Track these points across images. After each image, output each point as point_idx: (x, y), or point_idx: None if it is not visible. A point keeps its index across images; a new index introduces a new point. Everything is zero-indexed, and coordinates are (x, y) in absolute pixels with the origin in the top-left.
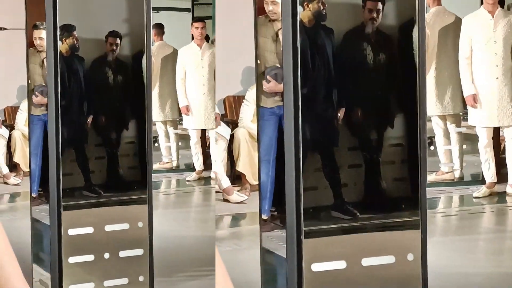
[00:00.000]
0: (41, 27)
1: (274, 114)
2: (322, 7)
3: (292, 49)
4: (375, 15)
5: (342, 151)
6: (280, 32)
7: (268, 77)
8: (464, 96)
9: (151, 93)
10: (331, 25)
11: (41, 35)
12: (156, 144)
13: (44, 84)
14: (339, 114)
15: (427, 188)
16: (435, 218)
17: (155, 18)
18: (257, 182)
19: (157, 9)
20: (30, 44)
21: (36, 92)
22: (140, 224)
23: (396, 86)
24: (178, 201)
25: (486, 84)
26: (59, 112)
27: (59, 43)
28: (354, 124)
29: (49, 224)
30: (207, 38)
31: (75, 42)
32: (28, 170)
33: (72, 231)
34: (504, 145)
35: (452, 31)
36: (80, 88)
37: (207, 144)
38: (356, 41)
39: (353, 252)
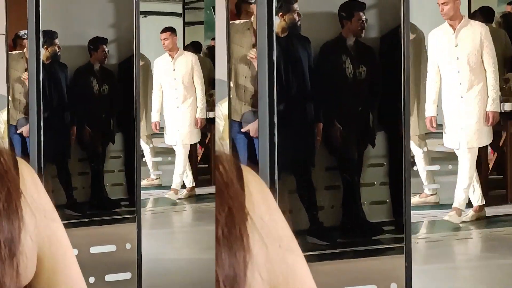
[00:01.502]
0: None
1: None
2: (297, 18)
3: (267, 62)
4: (365, 25)
5: (319, 171)
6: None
7: (243, 124)
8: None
9: (140, 104)
10: (307, 36)
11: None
12: (143, 159)
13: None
14: (318, 131)
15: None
16: (418, 244)
17: (143, 23)
18: None
19: (145, 13)
20: (10, 49)
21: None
22: (128, 246)
23: (378, 101)
24: (167, 220)
25: (450, 104)
26: (41, 124)
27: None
28: (330, 142)
29: None
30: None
31: (57, 49)
32: None
33: None
34: (492, 165)
35: (413, 48)
36: (63, 99)
37: (198, 159)
38: (335, 53)
39: (330, 282)
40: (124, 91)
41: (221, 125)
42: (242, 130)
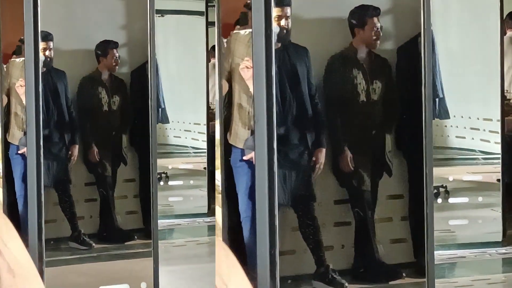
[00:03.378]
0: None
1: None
2: (289, 25)
3: (265, 77)
4: (380, 34)
5: (326, 205)
6: None
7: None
8: None
9: (156, 117)
10: (307, 47)
11: None
12: (161, 183)
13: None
14: (316, 159)
15: (434, 252)
16: None
17: (160, 23)
18: None
19: (161, 12)
20: (8, 57)
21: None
22: (143, 285)
23: (394, 124)
24: (190, 254)
25: None
26: (40, 143)
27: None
28: (340, 170)
29: None
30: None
31: (51, 54)
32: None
33: None
34: None
35: None
36: (65, 114)
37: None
38: (345, 67)
39: None
40: (138, 104)
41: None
42: (244, 158)
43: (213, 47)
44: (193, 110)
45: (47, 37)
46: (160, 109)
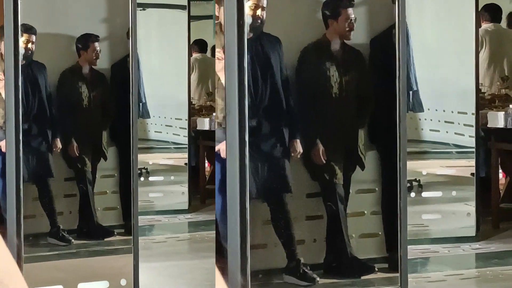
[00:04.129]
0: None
1: None
2: (263, 15)
3: (237, 69)
4: (353, 26)
5: (298, 198)
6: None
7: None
8: None
9: (138, 112)
10: (280, 37)
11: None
12: (142, 178)
13: None
14: (295, 150)
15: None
16: (417, 285)
17: (141, 17)
18: None
19: (143, 6)
20: None
21: None
22: (123, 282)
23: (367, 117)
24: (170, 250)
25: None
26: (20, 138)
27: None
28: (312, 163)
29: None
30: (203, 43)
31: (32, 47)
32: None
33: None
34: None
35: None
36: (45, 108)
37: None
38: (318, 59)
39: None
40: (118, 98)
41: None
42: (215, 150)
43: (195, 41)
44: (175, 105)
45: (29, 30)
46: (141, 104)
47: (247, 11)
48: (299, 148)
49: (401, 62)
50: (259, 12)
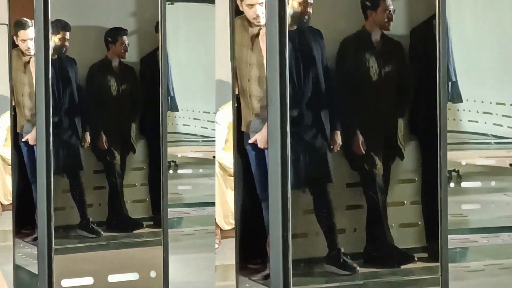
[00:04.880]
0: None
1: None
2: (308, 8)
3: (279, 61)
4: (392, 16)
5: (339, 188)
6: (257, 38)
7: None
8: None
9: (167, 105)
10: (321, 29)
11: (28, 36)
12: (171, 171)
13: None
14: (335, 142)
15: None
16: (456, 274)
17: (169, 10)
18: (229, 227)
19: (171, 0)
20: (13, 44)
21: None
22: (153, 274)
23: (408, 106)
24: (199, 243)
25: None
26: (50, 131)
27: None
28: (352, 153)
29: (37, 272)
30: None
31: (66, 43)
32: (9, 203)
33: (66, 282)
34: None
35: None
36: (74, 101)
37: None
38: (358, 50)
39: None
40: (147, 91)
41: (223, 134)
42: (250, 141)
43: None
44: (203, 99)
45: (65, 27)
46: (169, 97)
47: (296, 6)
48: (338, 139)
49: (441, 53)
50: (308, 9)
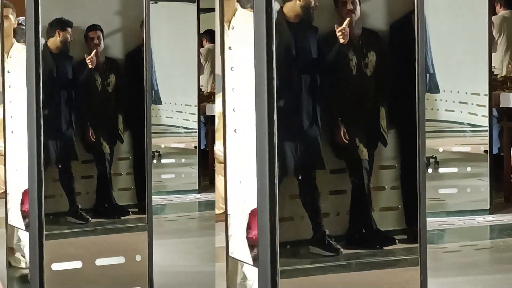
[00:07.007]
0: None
1: None
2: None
3: (266, 51)
4: (351, 7)
5: (324, 175)
6: None
7: None
8: None
9: (151, 99)
10: (317, 23)
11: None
12: (155, 161)
13: None
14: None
15: (427, 219)
16: (434, 255)
17: (153, 9)
18: (220, 211)
19: None
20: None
21: None
22: (138, 258)
23: (388, 97)
24: (181, 228)
25: None
26: (41, 122)
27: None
28: (338, 142)
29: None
30: (212, 33)
31: (69, 39)
32: (1, 191)
33: (56, 266)
34: None
35: None
36: (64, 94)
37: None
38: (338, 42)
39: None
40: (133, 85)
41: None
42: None
43: (207, 31)
44: (185, 92)
45: (67, 23)
46: (153, 91)
47: (297, 9)
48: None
49: (419, 47)
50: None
